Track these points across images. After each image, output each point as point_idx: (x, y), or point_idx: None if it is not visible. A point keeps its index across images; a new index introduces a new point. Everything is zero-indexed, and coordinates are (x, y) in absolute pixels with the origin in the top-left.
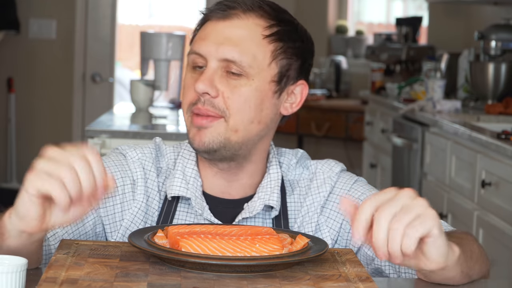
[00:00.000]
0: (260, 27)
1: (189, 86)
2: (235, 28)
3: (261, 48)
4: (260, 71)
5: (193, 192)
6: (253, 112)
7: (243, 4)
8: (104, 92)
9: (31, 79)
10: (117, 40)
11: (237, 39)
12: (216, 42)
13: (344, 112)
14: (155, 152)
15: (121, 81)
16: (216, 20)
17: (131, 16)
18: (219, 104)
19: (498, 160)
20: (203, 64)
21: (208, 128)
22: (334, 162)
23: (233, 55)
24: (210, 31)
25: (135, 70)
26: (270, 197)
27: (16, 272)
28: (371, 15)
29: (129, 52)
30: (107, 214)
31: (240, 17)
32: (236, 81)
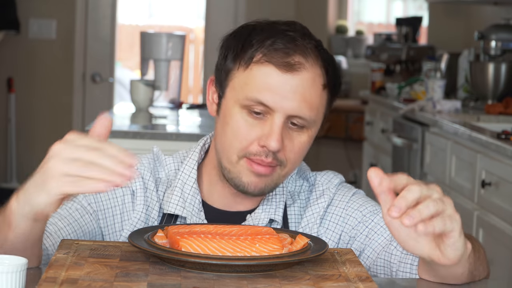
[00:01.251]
0: (320, 77)
1: (246, 132)
2: (303, 81)
3: (321, 99)
4: (318, 122)
5: (189, 210)
6: (303, 157)
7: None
8: (104, 92)
9: (31, 79)
10: (117, 40)
11: (305, 95)
12: (288, 97)
13: (344, 112)
14: (153, 163)
15: (121, 81)
16: (281, 69)
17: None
18: (281, 157)
19: (498, 160)
20: (263, 112)
21: (267, 176)
22: (333, 174)
23: (304, 112)
24: (278, 83)
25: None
26: (276, 212)
27: (16, 272)
28: (371, 15)
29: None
30: (107, 225)
31: (305, 67)
32: (297, 133)
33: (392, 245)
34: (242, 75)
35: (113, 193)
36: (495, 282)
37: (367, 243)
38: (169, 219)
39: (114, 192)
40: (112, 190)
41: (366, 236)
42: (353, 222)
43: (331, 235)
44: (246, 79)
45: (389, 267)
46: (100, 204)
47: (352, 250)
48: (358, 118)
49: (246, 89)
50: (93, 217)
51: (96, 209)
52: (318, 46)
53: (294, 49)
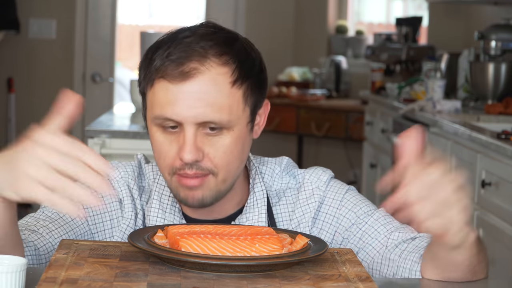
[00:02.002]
0: (224, 75)
1: (166, 149)
2: (202, 85)
3: (232, 97)
4: (238, 119)
5: (170, 220)
6: (238, 158)
7: (197, 53)
8: (104, 92)
9: (31, 79)
10: (117, 40)
11: (209, 98)
12: (189, 106)
13: (344, 112)
14: (137, 170)
15: (121, 81)
16: (176, 80)
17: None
18: (206, 165)
19: (498, 160)
20: (176, 125)
21: (200, 187)
22: (321, 170)
23: (212, 116)
24: (175, 95)
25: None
26: (259, 218)
27: (16, 272)
28: (371, 15)
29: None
30: (97, 231)
31: (201, 72)
32: (218, 137)
33: (388, 250)
34: (150, 94)
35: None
36: (495, 282)
37: (361, 246)
38: None
39: (102, 199)
40: (101, 197)
41: (360, 239)
42: (346, 223)
43: (324, 235)
44: (152, 98)
45: (385, 271)
46: (89, 209)
47: (352, 250)
48: (358, 118)
49: (153, 109)
50: (83, 221)
51: (86, 215)
52: (223, 42)
53: (188, 56)
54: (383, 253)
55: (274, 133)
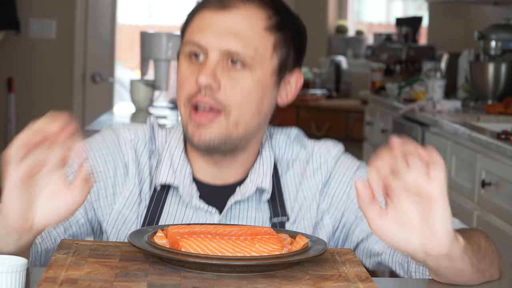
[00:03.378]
0: (260, 18)
1: (187, 77)
2: (236, 19)
3: (262, 40)
4: (262, 63)
5: (180, 180)
6: (255, 105)
7: None
8: (104, 92)
9: (31, 79)
10: (117, 40)
11: (239, 31)
12: (218, 33)
13: (344, 112)
14: (149, 133)
15: (121, 81)
16: (214, 10)
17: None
18: (221, 98)
19: (498, 160)
20: (201, 53)
21: (209, 126)
22: (332, 143)
23: (236, 47)
24: (209, 21)
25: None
26: (263, 180)
27: (16, 272)
28: (371, 15)
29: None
30: (98, 198)
31: (239, 7)
32: (238, 73)
33: None
34: (187, 29)
35: (104, 166)
36: (495, 282)
37: None
38: (161, 192)
39: (105, 164)
40: (104, 163)
41: None
42: None
43: (333, 211)
44: (188, 29)
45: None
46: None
47: (352, 250)
48: (358, 118)
49: (186, 37)
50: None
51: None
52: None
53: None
54: None
55: None
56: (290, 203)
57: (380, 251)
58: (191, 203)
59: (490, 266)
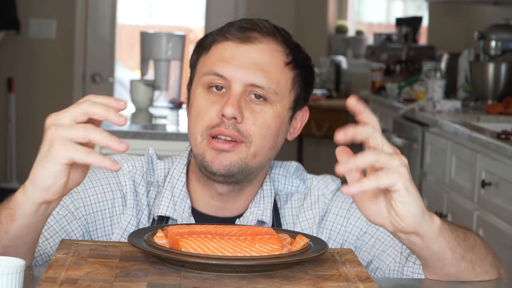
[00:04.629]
0: (280, 53)
1: (207, 108)
2: (259, 52)
3: (283, 75)
4: (282, 98)
5: (179, 213)
6: (273, 138)
7: (261, 27)
8: (104, 92)
9: (31, 79)
10: (117, 40)
11: (263, 65)
12: (243, 66)
13: (344, 112)
14: (146, 166)
15: (121, 81)
16: (237, 42)
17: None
18: (243, 129)
19: (498, 160)
20: (223, 86)
21: (230, 152)
22: (331, 179)
23: (261, 80)
24: (232, 53)
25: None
26: (264, 213)
27: (14, 274)
28: (371, 15)
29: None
30: (96, 228)
31: (261, 41)
32: (260, 107)
33: (403, 257)
34: (202, 59)
35: (102, 196)
36: (495, 282)
37: (375, 254)
38: (159, 222)
39: (104, 195)
40: (102, 193)
41: (373, 247)
42: (356, 232)
43: (331, 244)
44: (205, 60)
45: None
46: (89, 207)
47: (352, 250)
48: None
49: (204, 67)
50: (81, 222)
51: (85, 213)
52: (283, 31)
53: (253, 27)
54: (399, 261)
55: None
56: None
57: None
58: None
59: (482, 260)
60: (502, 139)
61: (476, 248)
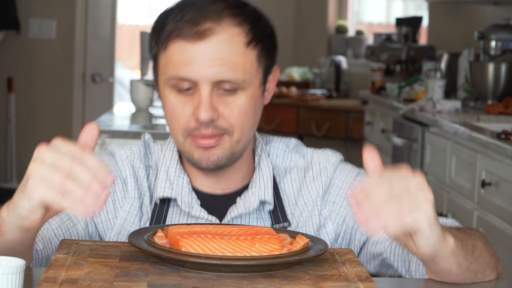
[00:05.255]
0: (239, 36)
1: (181, 110)
2: (217, 44)
3: (246, 57)
4: (251, 80)
5: (178, 191)
6: (251, 119)
7: (213, 13)
8: (104, 92)
9: (31, 79)
10: (117, 40)
11: (225, 57)
12: (205, 65)
13: (344, 112)
14: (143, 150)
15: (121, 81)
16: (193, 40)
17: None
18: (222, 124)
19: (498, 160)
20: (190, 86)
21: (215, 147)
22: (331, 152)
23: (226, 75)
24: (191, 54)
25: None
26: (265, 192)
27: (14, 274)
28: (371, 15)
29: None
30: (99, 213)
31: (216, 31)
32: (233, 96)
33: None
34: (163, 57)
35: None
36: (495, 282)
37: None
38: (161, 205)
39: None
40: None
41: None
42: None
43: (335, 217)
44: (165, 59)
45: (403, 253)
46: None
47: (352, 250)
48: (358, 118)
49: (167, 70)
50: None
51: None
52: (236, 5)
53: (203, 16)
54: None
55: (274, 133)
56: (290, 208)
57: (382, 251)
58: (191, 213)
59: (484, 268)
60: (502, 139)
61: (481, 258)
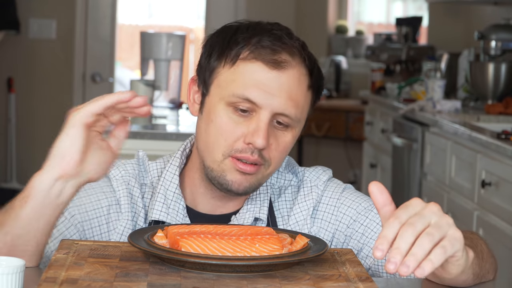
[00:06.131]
0: (305, 77)
1: (232, 129)
2: (289, 79)
3: (306, 99)
4: (302, 121)
5: (173, 216)
6: (286, 156)
7: (292, 48)
8: (104, 92)
9: (31, 79)
10: (117, 40)
11: (293, 92)
12: (274, 94)
13: (344, 112)
14: (138, 168)
15: (121, 81)
16: (268, 66)
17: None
18: (266, 155)
19: (498, 160)
20: (249, 109)
21: (251, 175)
22: (322, 170)
23: (290, 110)
24: (263, 79)
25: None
26: (261, 210)
27: (14, 274)
28: (371, 15)
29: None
30: (93, 235)
31: (291, 65)
32: (282, 132)
33: None
34: (228, 72)
35: (97, 204)
36: (495, 282)
37: (364, 242)
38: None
39: (98, 202)
40: (97, 200)
41: (363, 234)
42: (347, 220)
43: (324, 233)
44: (232, 76)
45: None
46: (84, 215)
47: (352, 250)
48: (358, 118)
49: (232, 86)
50: (77, 228)
51: (81, 220)
52: (303, 46)
53: (281, 47)
54: None
55: None
56: (283, 226)
57: (371, 264)
58: None
59: (489, 271)
60: (502, 139)
61: (488, 263)
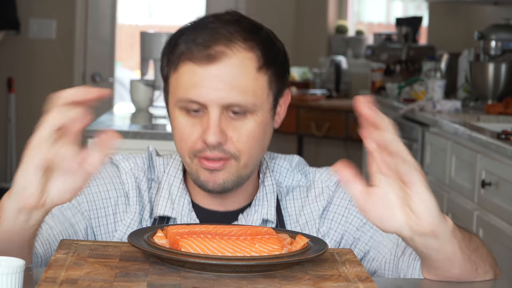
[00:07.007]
0: (251, 60)
1: (189, 131)
2: (228, 68)
3: (257, 82)
4: (261, 104)
5: (178, 210)
6: (259, 144)
7: (226, 37)
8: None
9: (31, 79)
10: (117, 40)
11: (235, 81)
12: (215, 88)
13: (344, 112)
14: (147, 163)
15: (121, 81)
16: (203, 63)
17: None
18: (229, 149)
19: (498, 160)
20: (200, 108)
21: (221, 170)
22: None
23: (236, 98)
24: (201, 77)
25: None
26: (268, 211)
27: (14, 274)
28: (371, 15)
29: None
30: (99, 225)
31: (228, 55)
32: (241, 121)
33: (399, 249)
34: (173, 78)
35: (106, 194)
36: (495, 282)
37: (372, 245)
38: (161, 221)
39: (107, 192)
40: (105, 191)
41: (371, 237)
42: (357, 222)
43: (333, 234)
44: (176, 81)
45: (396, 271)
46: (92, 203)
47: (352, 250)
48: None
49: (177, 91)
50: (84, 216)
51: (88, 209)
52: (249, 29)
53: (215, 39)
54: (395, 253)
55: (274, 133)
56: (291, 227)
57: (377, 268)
58: None
59: (483, 262)
60: (502, 139)
61: (479, 250)
